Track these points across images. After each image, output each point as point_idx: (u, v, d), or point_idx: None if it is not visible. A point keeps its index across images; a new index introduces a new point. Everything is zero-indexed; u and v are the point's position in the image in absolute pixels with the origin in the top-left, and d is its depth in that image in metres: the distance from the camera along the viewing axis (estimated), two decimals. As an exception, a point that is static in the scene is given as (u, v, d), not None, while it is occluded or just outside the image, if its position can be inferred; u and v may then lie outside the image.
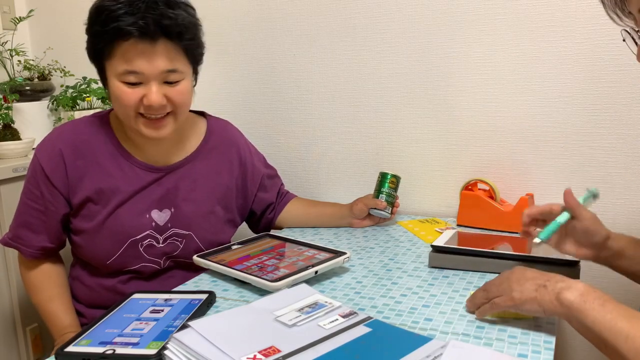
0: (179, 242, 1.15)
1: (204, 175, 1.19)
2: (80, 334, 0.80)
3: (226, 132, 1.27)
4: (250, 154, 1.30)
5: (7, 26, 1.75)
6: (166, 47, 1.02)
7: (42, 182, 1.11)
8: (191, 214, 1.15)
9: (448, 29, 1.38)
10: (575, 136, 1.32)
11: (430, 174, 1.48)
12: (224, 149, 1.24)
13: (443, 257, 1.05)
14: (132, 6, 0.97)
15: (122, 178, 1.12)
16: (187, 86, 1.08)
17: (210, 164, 1.20)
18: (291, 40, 1.55)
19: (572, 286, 0.72)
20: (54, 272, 1.19)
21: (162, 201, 1.13)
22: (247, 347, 0.68)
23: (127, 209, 1.11)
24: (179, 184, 1.15)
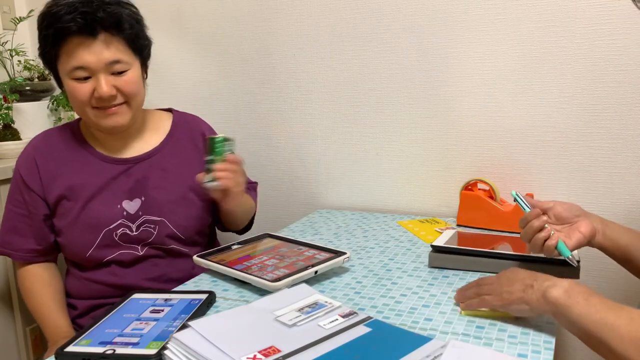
0: (152, 228, 1.18)
1: (174, 164, 1.22)
2: (80, 334, 0.80)
3: (193, 124, 1.30)
4: None
5: (7, 26, 1.75)
6: (107, 39, 1.08)
7: (22, 188, 1.19)
8: (162, 200, 1.19)
9: (448, 29, 1.38)
10: (575, 136, 1.32)
11: (430, 174, 1.48)
12: (192, 140, 1.26)
13: (443, 257, 1.05)
14: (70, 6, 1.05)
15: (90, 173, 1.18)
16: (134, 75, 1.13)
17: (181, 155, 1.24)
18: (291, 40, 1.55)
19: (558, 284, 0.74)
20: (47, 276, 1.23)
21: (132, 191, 1.18)
22: (247, 347, 0.68)
23: (98, 201, 1.17)
24: (149, 173, 1.20)
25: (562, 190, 1.36)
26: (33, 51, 1.88)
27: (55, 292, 1.22)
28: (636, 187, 1.29)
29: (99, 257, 1.17)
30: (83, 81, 1.09)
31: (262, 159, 1.65)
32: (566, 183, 1.35)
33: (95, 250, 1.16)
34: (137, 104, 1.16)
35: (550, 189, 1.36)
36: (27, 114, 1.68)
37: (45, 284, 1.22)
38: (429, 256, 1.06)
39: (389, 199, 1.53)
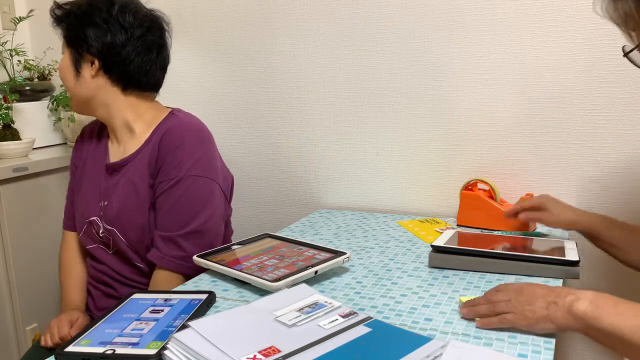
0: (107, 234, 1.23)
1: (135, 173, 1.19)
2: (80, 334, 0.80)
3: (165, 129, 1.18)
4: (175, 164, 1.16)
5: (7, 26, 1.75)
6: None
7: (71, 165, 1.35)
8: (116, 210, 1.20)
9: (448, 29, 1.38)
10: (575, 136, 1.32)
11: (430, 174, 1.48)
12: (154, 146, 1.17)
13: (443, 257, 1.05)
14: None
15: (94, 168, 1.27)
16: (61, 63, 1.23)
17: (143, 162, 1.18)
18: (291, 40, 1.55)
19: (581, 297, 0.71)
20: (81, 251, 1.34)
21: (104, 193, 1.24)
22: (247, 347, 0.68)
23: (90, 193, 1.26)
24: (119, 180, 1.22)
25: (562, 190, 1.36)
26: (33, 51, 1.88)
27: (81, 266, 1.32)
28: (636, 187, 1.29)
29: (84, 243, 1.28)
30: None
31: (262, 159, 1.65)
32: (566, 183, 1.35)
33: (83, 236, 1.28)
34: (69, 93, 1.24)
35: (550, 189, 1.36)
36: (27, 114, 1.68)
37: (76, 258, 1.33)
38: (429, 256, 1.06)
39: (389, 199, 1.54)
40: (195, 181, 1.15)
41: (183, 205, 1.15)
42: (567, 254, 1.00)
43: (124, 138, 1.23)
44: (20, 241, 1.45)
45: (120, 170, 1.22)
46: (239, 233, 1.41)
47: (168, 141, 1.16)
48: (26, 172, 1.46)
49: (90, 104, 1.21)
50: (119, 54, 1.16)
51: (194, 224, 1.15)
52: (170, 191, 1.14)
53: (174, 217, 1.15)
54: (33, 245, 1.49)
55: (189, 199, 1.15)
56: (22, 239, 1.45)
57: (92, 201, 1.24)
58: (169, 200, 1.15)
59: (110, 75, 1.18)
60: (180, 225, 1.14)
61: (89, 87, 1.19)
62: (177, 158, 1.15)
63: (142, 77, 1.21)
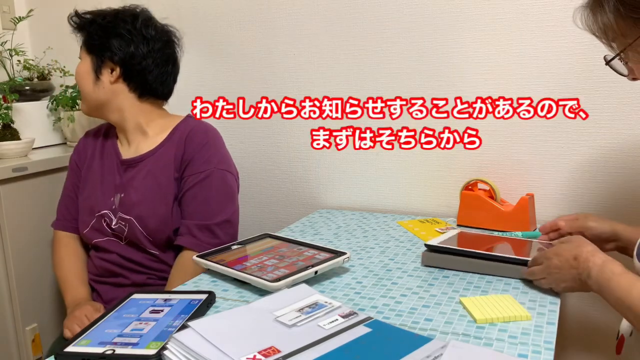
0: (123, 224, 1.28)
1: (158, 168, 1.28)
2: (80, 334, 0.80)
3: (188, 130, 1.30)
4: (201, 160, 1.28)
5: (7, 26, 1.75)
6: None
7: (71, 165, 1.41)
8: (134, 200, 1.27)
9: (448, 29, 1.38)
10: (575, 136, 1.32)
11: (430, 174, 1.47)
12: (178, 144, 1.28)
13: (436, 257, 1.04)
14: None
15: (104, 166, 1.34)
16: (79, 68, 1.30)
17: (165, 158, 1.28)
18: (291, 40, 1.55)
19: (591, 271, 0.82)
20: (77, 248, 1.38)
21: (120, 187, 1.30)
22: (247, 347, 0.68)
23: (100, 189, 1.32)
24: (137, 174, 1.29)
25: (562, 190, 1.36)
26: (33, 51, 1.88)
27: (81, 264, 1.37)
28: (636, 187, 1.29)
29: (91, 238, 1.32)
30: None
31: (262, 158, 1.65)
32: (566, 183, 1.35)
33: (89, 232, 1.31)
34: (83, 96, 1.31)
35: (550, 189, 1.36)
36: (26, 113, 1.68)
37: (73, 256, 1.36)
38: (422, 255, 1.06)
39: (389, 199, 1.53)
40: (223, 175, 1.28)
41: (215, 196, 1.26)
42: None
43: (136, 139, 1.33)
44: (20, 241, 1.45)
45: (137, 165, 1.30)
46: (239, 233, 1.41)
47: (195, 140, 1.28)
48: (26, 172, 1.46)
49: (104, 107, 1.30)
50: (140, 64, 1.26)
51: (226, 214, 1.27)
52: (202, 183, 1.25)
53: (208, 207, 1.25)
54: (33, 245, 1.49)
55: (219, 191, 1.27)
56: (22, 239, 1.45)
57: (104, 195, 1.30)
58: (202, 192, 1.25)
59: (129, 82, 1.28)
60: (214, 214, 1.26)
61: (106, 92, 1.28)
62: (205, 154, 1.27)
63: (158, 86, 1.31)
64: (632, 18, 0.80)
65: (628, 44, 0.82)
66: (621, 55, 0.85)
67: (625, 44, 0.83)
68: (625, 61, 0.86)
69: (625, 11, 0.80)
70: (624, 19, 0.81)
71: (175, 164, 1.27)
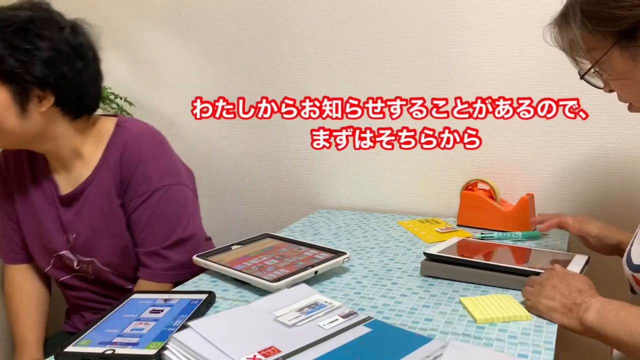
0: (86, 266, 1.18)
1: (99, 197, 1.13)
2: (80, 334, 0.80)
3: (121, 147, 1.12)
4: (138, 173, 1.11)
5: None
6: None
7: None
8: (90, 241, 1.14)
9: (448, 29, 1.38)
10: (575, 136, 1.32)
11: (430, 174, 1.48)
12: (114, 164, 1.12)
13: (436, 267, 1.00)
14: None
15: (42, 198, 1.15)
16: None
17: (104, 184, 1.12)
18: (291, 40, 1.55)
19: (591, 306, 0.77)
20: (28, 284, 1.24)
21: (69, 226, 1.15)
22: (246, 347, 0.68)
23: (48, 226, 1.16)
24: (81, 209, 1.14)
25: (562, 190, 1.36)
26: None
27: (33, 302, 1.23)
28: (636, 187, 1.29)
29: (56, 276, 1.21)
30: None
31: (262, 158, 1.65)
32: (566, 183, 1.35)
33: (52, 270, 1.20)
34: (4, 133, 1.03)
35: (550, 189, 1.36)
36: None
37: (24, 292, 1.23)
38: (421, 264, 1.02)
39: (389, 199, 1.53)
40: (166, 191, 1.12)
41: (160, 218, 1.12)
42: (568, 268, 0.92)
43: (74, 166, 1.13)
44: None
45: (79, 199, 1.13)
46: (239, 233, 1.41)
47: (128, 159, 1.10)
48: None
49: (34, 140, 1.06)
50: (76, 84, 1.04)
51: (176, 234, 1.13)
52: (143, 206, 1.11)
53: (153, 231, 1.12)
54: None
55: (164, 210, 1.12)
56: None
57: (55, 235, 1.15)
58: (144, 216, 1.11)
59: (63, 107, 1.05)
60: (163, 238, 1.12)
61: (37, 124, 1.03)
62: (142, 174, 1.10)
63: (95, 102, 1.11)
64: (600, 32, 0.79)
65: (599, 57, 0.81)
66: (595, 69, 0.84)
67: (596, 58, 0.82)
68: (600, 74, 0.85)
69: (592, 26, 0.79)
70: (592, 34, 0.80)
71: (116, 190, 1.11)
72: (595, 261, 1.30)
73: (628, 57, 0.79)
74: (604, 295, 0.79)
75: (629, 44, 0.78)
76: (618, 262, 0.95)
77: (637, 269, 0.84)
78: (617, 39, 0.78)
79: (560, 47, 0.88)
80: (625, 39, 0.78)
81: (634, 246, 0.87)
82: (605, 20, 0.78)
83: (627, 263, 0.86)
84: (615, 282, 1.32)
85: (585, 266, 0.98)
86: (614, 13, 0.77)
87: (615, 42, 0.78)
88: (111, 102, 1.70)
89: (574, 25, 0.81)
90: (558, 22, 0.86)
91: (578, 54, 0.85)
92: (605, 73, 0.84)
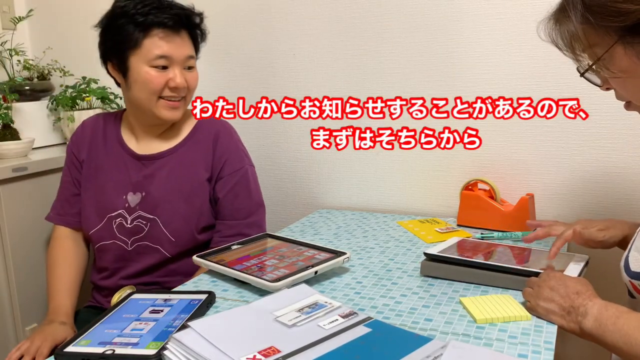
0: (144, 224, 1.25)
1: (183, 166, 1.27)
2: (79, 334, 0.80)
3: (212, 126, 1.31)
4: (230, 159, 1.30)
5: (7, 26, 1.75)
6: (186, 36, 1.23)
7: (68, 158, 1.34)
8: (159, 200, 1.24)
9: (448, 29, 1.38)
10: (575, 136, 1.32)
11: (430, 174, 1.47)
12: (205, 142, 1.29)
13: (436, 266, 1.00)
14: (156, 3, 1.19)
15: (111, 160, 1.29)
16: (197, 72, 1.28)
17: (191, 157, 1.28)
18: (291, 40, 1.55)
19: (589, 312, 0.76)
20: (72, 253, 1.33)
21: (137, 185, 1.26)
22: (246, 347, 0.68)
23: (109, 187, 1.27)
24: (156, 172, 1.26)
25: (562, 190, 1.36)
26: (32, 51, 1.88)
27: (75, 270, 1.31)
28: (636, 187, 1.29)
29: (98, 239, 1.28)
30: (161, 70, 1.19)
31: (262, 158, 1.65)
32: (566, 183, 1.35)
33: (97, 232, 1.27)
34: (189, 101, 1.29)
35: (550, 189, 1.36)
36: (26, 113, 1.68)
37: (68, 258, 1.31)
38: (421, 264, 1.02)
39: (389, 199, 1.53)
40: (252, 169, 1.34)
41: (250, 192, 1.31)
42: (567, 270, 0.94)
43: (152, 133, 1.29)
44: (20, 241, 1.45)
45: (155, 162, 1.27)
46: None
47: (224, 140, 1.30)
48: (26, 172, 1.46)
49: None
50: None
51: (261, 204, 1.34)
52: (240, 182, 1.29)
53: (251, 202, 1.30)
54: (33, 246, 1.49)
55: (257, 183, 1.35)
56: (21, 239, 1.45)
57: (115, 194, 1.26)
58: (242, 190, 1.29)
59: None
60: (255, 207, 1.32)
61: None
62: (236, 154, 1.30)
63: None
64: (603, 27, 0.75)
65: (601, 54, 0.77)
66: (595, 67, 0.80)
67: (598, 55, 0.78)
68: (598, 71, 0.81)
69: (595, 20, 0.75)
70: (595, 29, 0.76)
71: (204, 164, 1.27)
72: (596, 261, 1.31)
73: (632, 55, 0.76)
74: (604, 296, 0.79)
75: (633, 40, 0.74)
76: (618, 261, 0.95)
77: (634, 276, 0.83)
78: (621, 34, 0.75)
79: (553, 42, 0.84)
80: (629, 35, 0.74)
81: (631, 252, 0.86)
82: (609, 14, 0.74)
83: (625, 269, 0.86)
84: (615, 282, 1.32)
85: (585, 266, 0.98)
86: (620, 7, 0.73)
87: (618, 38, 0.75)
88: (111, 102, 1.70)
89: (574, 19, 0.77)
90: (556, 16, 0.82)
91: (578, 49, 0.81)
92: (606, 70, 0.80)
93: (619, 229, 1.02)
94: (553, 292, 0.81)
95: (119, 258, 1.27)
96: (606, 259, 1.10)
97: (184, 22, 1.22)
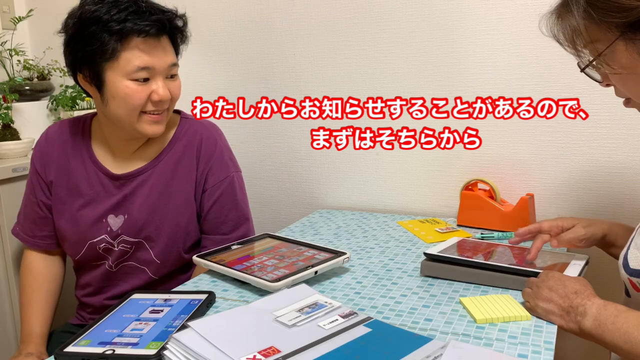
0: (128, 248, 1.18)
1: (164, 182, 1.17)
2: (79, 334, 0.80)
3: (194, 133, 1.20)
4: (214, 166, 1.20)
5: (7, 26, 1.75)
6: (167, 43, 1.10)
7: (32, 176, 1.22)
8: (142, 223, 1.16)
9: (448, 29, 1.38)
10: (575, 136, 1.32)
11: (430, 174, 1.47)
12: (187, 153, 1.19)
13: (437, 267, 1.00)
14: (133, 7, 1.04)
15: (84, 180, 1.18)
16: (180, 80, 1.15)
17: (173, 171, 1.18)
18: (291, 40, 1.55)
19: (588, 311, 0.77)
20: (45, 274, 1.25)
21: (118, 207, 1.17)
22: (246, 348, 0.68)
23: (87, 212, 1.17)
24: (137, 190, 1.17)
25: (562, 190, 1.36)
26: (32, 51, 1.88)
27: (47, 293, 1.23)
28: (636, 187, 1.29)
29: (80, 261, 1.22)
30: (142, 83, 1.06)
31: (262, 159, 1.65)
32: (566, 183, 1.35)
33: (81, 257, 1.20)
34: (172, 110, 1.17)
35: (550, 189, 1.36)
36: (26, 113, 1.68)
37: (39, 281, 1.23)
38: (421, 264, 1.02)
39: (389, 199, 1.53)
40: (239, 177, 1.26)
41: (236, 201, 1.23)
42: (567, 269, 0.94)
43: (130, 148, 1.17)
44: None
45: (135, 179, 1.16)
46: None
47: (208, 148, 1.20)
48: (26, 172, 1.46)
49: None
50: None
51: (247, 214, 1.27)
52: (225, 191, 1.21)
53: (237, 213, 1.23)
54: (33, 245, 1.49)
55: (243, 191, 1.26)
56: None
57: (95, 220, 1.17)
58: (228, 199, 1.21)
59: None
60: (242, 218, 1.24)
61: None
62: (220, 161, 1.21)
63: None
64: (605, 22, 0.75)
65: (602, 50, 0.77)
66: (594, 62, 0.80)
67: (599, 50, 0.77)
68: (598, 67, 0.81)
69: (597, 15, 0.74)
70: (597, 24, 0.76)
71: (188, 178, 1.17)
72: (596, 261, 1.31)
73: (633, 51, 0.75)
74: (603, 296, 0.79)
75: (635, 36, 0.74)
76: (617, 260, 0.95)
77: (634, 274, 0.83)
78: (623, 30, 0.74)
79: (555, 38, 0.83)
80: (631, 31, 0.74)
81: (630, 250, 0.86)
82: (612, 10, 0.73)
83: (624, 266, 0.85)
84: (615, 282, 1.32)
85: (585, 266, 0.98)
86: (622, 3, 0.72)
87: (620, 34, 0.75)
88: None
89: (576, 14, 0.77)
90: (558, 11, 0.82)
91: (579, 44, 0.81)
92: (606, 66, 0.79)
93: (599, 227, 1.01)
94: (552, 292, 0.81)
95: (104, 277, 1.21)
96: (606, 259, 1.10)
97: (167, 28, 1.08)
